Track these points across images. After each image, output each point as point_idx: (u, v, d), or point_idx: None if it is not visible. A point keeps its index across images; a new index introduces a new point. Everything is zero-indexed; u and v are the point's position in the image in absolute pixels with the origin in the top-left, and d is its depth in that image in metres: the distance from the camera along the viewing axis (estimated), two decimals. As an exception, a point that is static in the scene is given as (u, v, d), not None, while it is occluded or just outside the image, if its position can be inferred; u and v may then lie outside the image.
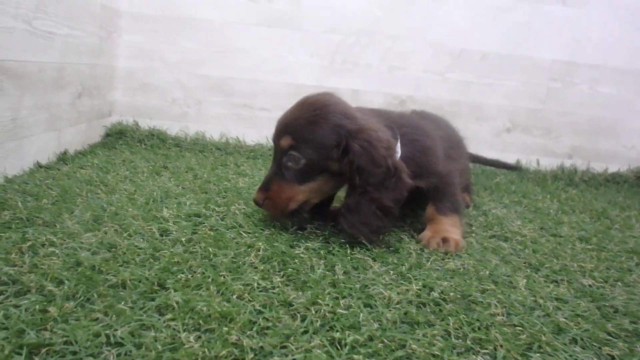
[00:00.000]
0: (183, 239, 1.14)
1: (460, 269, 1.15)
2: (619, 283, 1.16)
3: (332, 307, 0.88)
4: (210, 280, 0.94)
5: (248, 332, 0.77)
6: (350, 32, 2.62)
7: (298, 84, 2.63)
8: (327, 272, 1.05)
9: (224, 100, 2.63)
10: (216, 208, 1.43)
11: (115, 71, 2.48)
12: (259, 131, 2.65)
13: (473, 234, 1.47)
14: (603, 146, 2.80)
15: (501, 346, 0.80)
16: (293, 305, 0.88)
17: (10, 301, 0.79)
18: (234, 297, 0.88)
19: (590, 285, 1.12)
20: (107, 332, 0.73)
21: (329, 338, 0.77)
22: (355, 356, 0.73)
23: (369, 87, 2.67)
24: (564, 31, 2.68)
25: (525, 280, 1.11)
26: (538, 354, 0.79)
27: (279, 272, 1.03)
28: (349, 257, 1.16)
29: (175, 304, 0.82)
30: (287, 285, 0.98)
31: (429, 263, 1.17)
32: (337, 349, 0.75)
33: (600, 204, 2.11)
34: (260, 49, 2.60)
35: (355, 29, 2.62)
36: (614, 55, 2.71)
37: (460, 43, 2.68)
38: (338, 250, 1.19)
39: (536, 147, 2.77)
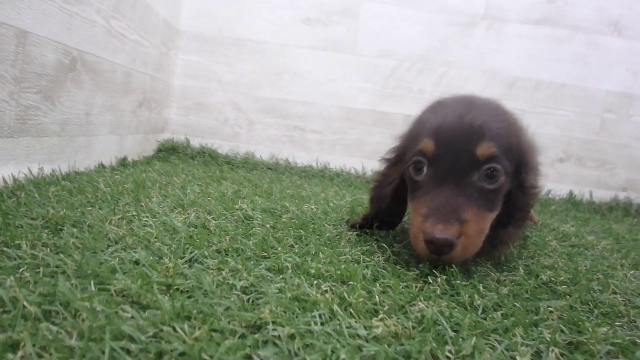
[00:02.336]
0: (268, 225, 1.10)
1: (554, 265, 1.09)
2: None
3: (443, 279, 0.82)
4: (314, 251, 0.90)
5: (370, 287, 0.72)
6: (405, 58, 2.62)
7: (350, 108, 2.62)
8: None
9: (276, 121, 2.62)
10: (289, 206, 1.39)
11: (171, 88, 2.49)
12: (309, 154, 2.63)
13: (552, 242, 1.41)
14: (658, 180, 2.73)
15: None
16: (405, 278, 0.83)
17: (120, 254, 0.75)
18: (343, 265, 0.83)
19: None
20: (230, 281, 0.68)
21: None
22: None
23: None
24: (619, 63, 2.65)
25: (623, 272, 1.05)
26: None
27: (375, 253, 0.99)
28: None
29: (288, 265, 0.78)
30: (393, 263, 0.93)
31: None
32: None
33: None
34: (314, 72, 2.60)
35: (410, 54, 2.62)
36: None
37: (514, 71, 2.66)
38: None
39: (590, 178, 2.71)
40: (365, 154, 2.67)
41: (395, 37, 2.61)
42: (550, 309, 0.74)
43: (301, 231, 1.07)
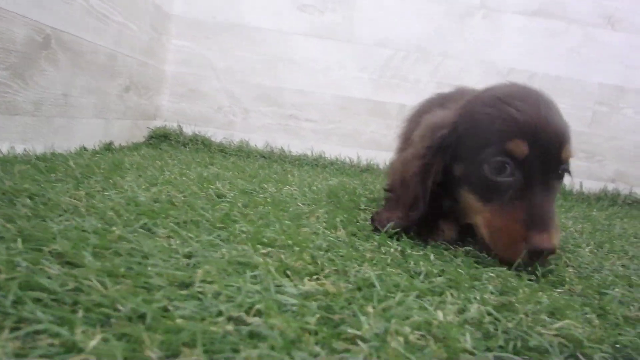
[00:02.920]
0: (239, 204, 1.08)
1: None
2: None
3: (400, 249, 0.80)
4: (275, 221, 0.88)
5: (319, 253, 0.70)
6: (401, 48, 2.59)
7: (346, 97, 2.60)
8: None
9: (271, 110, 2.60)
10: (267, 188, 1.37)
11: (163, 75, 2.48)
12: (304, 143, 2.60)
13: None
14: (646, 173, 2.70)
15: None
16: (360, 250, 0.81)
17: (72, 222, 0.73)
18: (299, 236, 0.81)
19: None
20: (175, 247, 0.66)
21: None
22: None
23: (417, 102, 2.61)
24: (612, 56, 2.62)
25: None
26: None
27: (343, 228, 0.96)
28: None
29: (242, 234, 0.76)
30: (353, 235, 0.91)
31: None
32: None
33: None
34: (310, 59, 2.58)
35: (406, 44, 2.59)
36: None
37: (509, 63, 2.63)
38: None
39: (580, 170, 2.67)
40: (361, 144, 2.64)
41: (391, 26, 2.58)
42: (492, 275, 0.75)
43: (269, 207, 1.05)
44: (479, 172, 0.94)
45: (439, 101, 1.31)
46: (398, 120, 1.60)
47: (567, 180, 2.46)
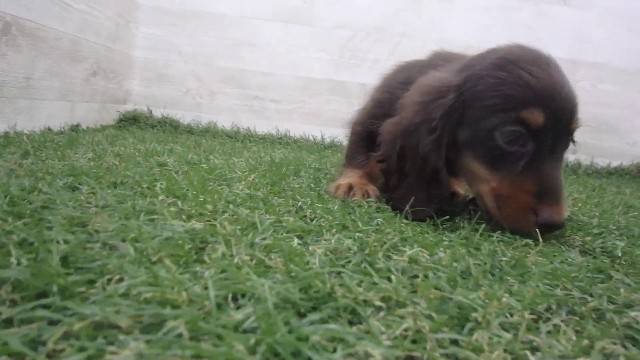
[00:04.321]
0: (180, 171, 1.16)
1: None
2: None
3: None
4: (196, 183, 0.96)
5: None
6: (360, 28, 2.66)
7: (308, 77, 2.67)
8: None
9: (236, 91, 2.67)
10: (214, 159, 1.45)
11: (132, 61, 2.54)
12: (269, 122, 2.68)
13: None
14: (607, 143, 2.78)
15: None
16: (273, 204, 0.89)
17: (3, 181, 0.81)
18: (216, 196, 0.89)
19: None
20: (91, 200, 0.74)
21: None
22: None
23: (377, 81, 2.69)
24: (566, 31, 2.70)
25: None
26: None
27: (267, 187, 1.04)
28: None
29: (160, 190, 0.84)
30: (272, 194, 0.99)
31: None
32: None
33: (597, 182, 2.12)
34: (272, 42, 2.65)
35: (365, 25, 2.66)
36: (616, 55, 2.72)
37: (466, 41, 2.70)
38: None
39: (541, 143, 2.76)
40: (323, 122, 2.72)
41: (350, 8, 2.65)
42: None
43: (205, 174, 1.12)
44: (489, 139, 0.89)
45: (419, 66, 1.22)
46: (359, 98, 1.67)
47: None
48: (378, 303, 0.48)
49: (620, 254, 0.79)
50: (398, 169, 0.99)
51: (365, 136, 1.26)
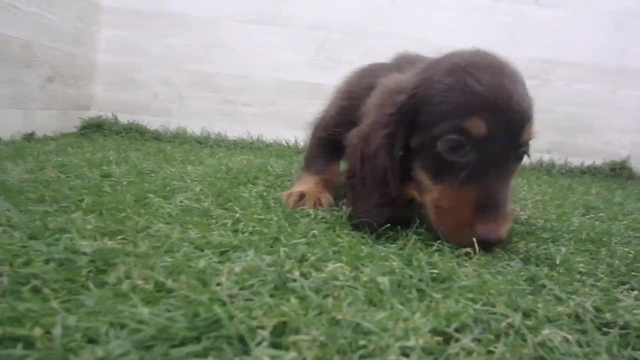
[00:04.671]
0: (125, 182, 1.13)
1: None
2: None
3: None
4: (129, 196, 0.93)
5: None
6: (334, 29, 2.64)
7: (282, 80, 2.64)
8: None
9: (207, 96, 2.64)
10: (169, 168, 1.42)
11: (95, 65, 2.50)
12: (243, 126, 2.65)
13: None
14: (581, 142, 2.78)
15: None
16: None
17: None
18: (147, 210, 0.87)
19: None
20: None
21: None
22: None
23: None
24: (540, 30, 2.70)
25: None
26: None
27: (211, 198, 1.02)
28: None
29: (82, 204, 0.81)
30: (214, 205, 0.97)
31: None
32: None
33: (568, 182, 2.12)
34: (245, 44, 2.62)
35: (339, 26, 2.64)
36: (590, 54, 2.72)
37: (442, 41, 2.69)
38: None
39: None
40: (301, 126, 2.68)
41: (325, 8, 2.63)
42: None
43: (148, 185, 1.10)
44: (433, 147, 0.86)
45: (383, 70, 1.17)
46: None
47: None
48: (268, 330, 0.45)
49: (558, 262, 0.77)
50: (361, 181, 0.94)
51: (327, 142, 1.25)
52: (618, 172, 2.70)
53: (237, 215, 0.89)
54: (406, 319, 0.49)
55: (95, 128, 2.42)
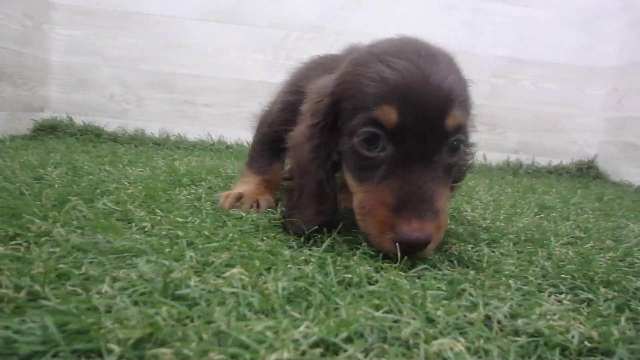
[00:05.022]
0: (56, 185, 1.08)
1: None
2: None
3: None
4: (44, 200, 0.90)
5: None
6: (295, 28, 2.61)
7: (242, 80, 2.61)
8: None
9: (166, 96, 2.59)
10: (110, 170, 1.38)
11: (48, 65, 2.44)
12: (203, 128, 2.61)
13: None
14: (548, 142, 2.79)
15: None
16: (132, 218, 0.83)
17: None
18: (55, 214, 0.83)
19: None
20: None
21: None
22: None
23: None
24: (506, 29, 2.70)
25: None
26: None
27: (139, 200, 0.98)
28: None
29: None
30: (139, 207, 0.93)
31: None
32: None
33: (531, 182, 2.11)
34: (204, 44, 2.58)
35: (300, 24, 2.61)
36: (557, 52, 2.73)
37: (404, 40, 2.68)
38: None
39: (483, 143, 2.73)
40: (263, 127, 2.65)
41: (285, 5, 2.59)
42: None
43: (73, 187, 1.06)
44: (351, 145, 0.80)
45: (332, 61, 1.11)
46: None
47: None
48: (131, 342, 0.42)
49: (485, 264, 0.75)
50: (299, 189, 0.90)
51: (271, 139, 1.19)
52: (585, 172, 2.72)
53: (159, 218, 0.86)
54: (286, 329, 0.46)
55: (49, 130, 2.37)
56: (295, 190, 0.91)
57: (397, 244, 0.72)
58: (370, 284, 0.63)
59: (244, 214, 0.97)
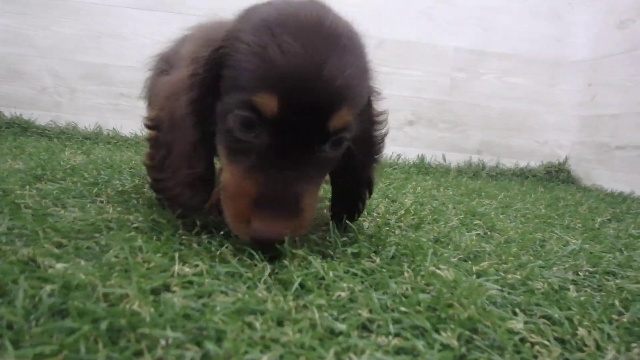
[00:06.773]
0: None
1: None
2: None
3: None
4: None
5: None
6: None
7: (180, 72, 2.58)
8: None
9: (100, 89, 2.58)
10: (32, 164, 1.36)
11: (-26, 55, 2.43)
12: (139, 122, 2.57)
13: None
14: (515, 142, 2.74)
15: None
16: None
17: None
18: None
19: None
20: None
21: None
22: None
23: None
24: (468, 18, 2.65)
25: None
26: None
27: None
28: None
29: None
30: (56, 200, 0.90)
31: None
32: None
33: (482, 184, 2.07)
34: (140, 33, 2.56)
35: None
36: (524, 44, 2.69)
37: (361, 29, 2.64)
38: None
39: (442, 142, 2.71)
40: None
41: (226, -7, 2.57)
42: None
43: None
44: (226, 121, 0.76)
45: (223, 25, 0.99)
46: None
47: (429, 152, 2.52)
48: None
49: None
50: (167, 147, 0.84)
51: None
52: (554, 175, 2.66)
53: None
54: None
55: (-28, 123, 2.35)
56: (162, 145, 0.85)
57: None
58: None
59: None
